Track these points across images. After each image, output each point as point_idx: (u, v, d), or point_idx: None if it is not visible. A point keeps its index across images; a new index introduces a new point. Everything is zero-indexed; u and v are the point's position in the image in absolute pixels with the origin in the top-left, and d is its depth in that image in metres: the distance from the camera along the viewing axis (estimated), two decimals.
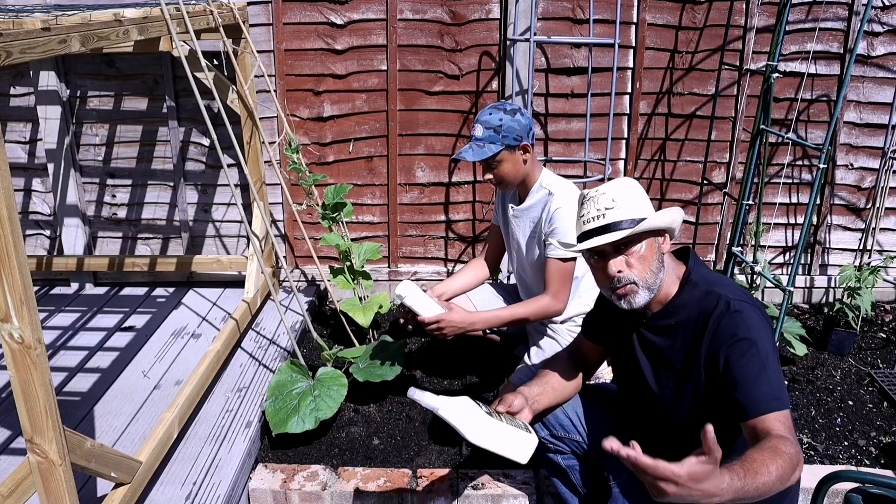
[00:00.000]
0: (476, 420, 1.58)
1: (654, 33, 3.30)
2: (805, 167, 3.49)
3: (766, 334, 1.49)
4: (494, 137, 2.20)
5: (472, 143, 2.24)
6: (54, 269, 3.58)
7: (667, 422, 1.67)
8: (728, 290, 1.57)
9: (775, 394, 1.42)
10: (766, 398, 1.42)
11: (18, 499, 1.65)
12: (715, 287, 1.58)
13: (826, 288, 3.66)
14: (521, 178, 2.31)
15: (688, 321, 1.59)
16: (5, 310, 1.50)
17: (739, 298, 1.54)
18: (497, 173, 2.27)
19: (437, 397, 1.63)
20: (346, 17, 3.28)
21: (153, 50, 2.82)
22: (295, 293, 2.87)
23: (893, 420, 2.67)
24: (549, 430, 1.96)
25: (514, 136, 2.21)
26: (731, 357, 1.48)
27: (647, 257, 1.56)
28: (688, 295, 1.60)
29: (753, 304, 1.55)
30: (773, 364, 1.47)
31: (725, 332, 1.50)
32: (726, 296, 1.54)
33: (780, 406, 1.41)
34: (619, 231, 1.54)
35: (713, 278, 1.62)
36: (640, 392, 1.73)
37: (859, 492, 1.64)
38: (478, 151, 2.21)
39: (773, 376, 1.44)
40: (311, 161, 3.48)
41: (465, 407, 1.61)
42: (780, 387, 1.45)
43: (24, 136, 3.54)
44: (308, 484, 2.26)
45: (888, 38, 3.28)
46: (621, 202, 1.56)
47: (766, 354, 1.46)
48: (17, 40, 1.53)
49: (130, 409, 2.61)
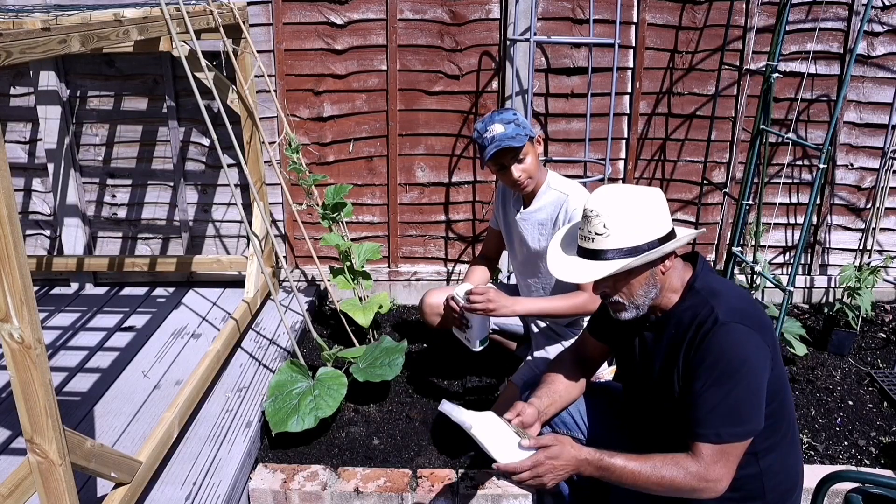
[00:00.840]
0: (506, 442, 1.60)
1: (654, 33, 3.29)
2: (805, 167, 3.49)
3: (746, 358, 1.46)
4: (518, 130, 2.20)
5: (498, 139, 2.20)
6: (54, 269, 3.58)
7: (665, 418, 1.68)
8: (725, 302, 1.53)
9: (720, 426, 1.46)
10: (707, 430, 1.47)
11: (18, 499, 1.65)
12: (713, 298, 1.54)
13: (826, 288, 3.66)
14: (538, 175, 2.31)
15: (680, 328, 1.58)
16: (5, 310, 1.50)
17: (731, 316, 1.49)
18: (526, 167, 2.26)
19: (470, 414, 1.63)
20: (346, 17, 3.28)
21: (153, 50, 2.82)
22: (295, 293, 2.87)
23: (893, 420, 2.67)
24: (552, 428, 1.97)
25: (529, 128, 2.23)
26: (700, 378, 1.49)
27: (635, 284, 1.56)
28: (689, 302, 1.59)
29: (748, 318, 1.51)
30: (741, 392, 1.45)
31: (704, 351, 1.49)
32: (717, 312, 1.50)
33: (716, 440, 1.46)
34: (603, 264, 1.51)
35: (716, 287, 1.59)
36: (641, 391, 1.74)
37: (859, 492, 1.64)
38: (516, 140, 2.18)
39: (733, 405, 1.45)
40: (311, 161, 3.48)
41: (495, 427, 1.62)
42: (733, 418, 1.46)
43: (24, 136, 3.54)
44: (308, 484, 2.26)
45: (888, 38, 3.28)
46: (614, 229, 1.51)
47: (735, 382, 1.45)
48: (17, 40, 1.53)
49: (130, 409, 2.61)
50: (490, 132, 2.21)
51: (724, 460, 1.47)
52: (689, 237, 1.59)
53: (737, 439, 1.47)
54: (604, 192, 1.56)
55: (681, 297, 1.61)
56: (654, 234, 1.52)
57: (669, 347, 1.60)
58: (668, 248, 1.53)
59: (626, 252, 1.51)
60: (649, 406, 1.71)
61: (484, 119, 2.26)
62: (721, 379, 1.46)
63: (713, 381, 1.47)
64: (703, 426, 1.47)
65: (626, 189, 1.56)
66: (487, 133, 2.22)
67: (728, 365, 1.46)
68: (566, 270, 1.60)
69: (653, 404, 1.69)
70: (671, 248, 1.54)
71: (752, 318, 1.52)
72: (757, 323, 1.51)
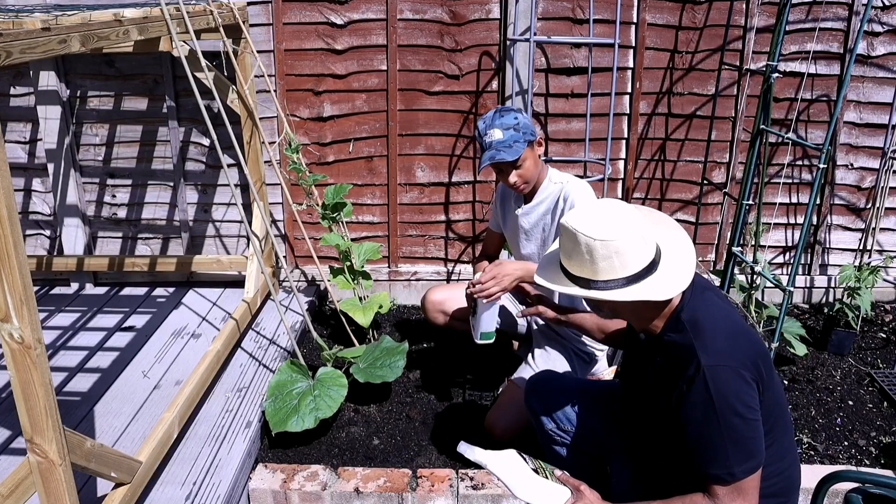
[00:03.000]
0: (523, 477, 1.61)
1: (654, 33, 3.29)
2: (805, 167, 3.49)
3: (736, 400, 1.43)
4: (517, 136, 2.18)
5: (495, 147, 2.18)
6: (54, 269, 3.57)
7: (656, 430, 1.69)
8: (710, 341, 1.47)
9: (731, 466, 1.44)
10: (718, 470, 1.46)
11: (18, 499, 1.65)
12: (697, 337, 1.47)
13: (826, 288, 3.66)
14: (538, 175, 2.31)
15: (668, 366, 1.54)
16: (5, 310, 1.50)
17: (714, 359, 1.44)
18: (522, 173, 2.25)
19: (486, 453, 1.65)
20: (346, 17, 3.28)
21: (153, 50, 2.81)
22: (295, 293, 2.87)
23: (893, 420, 2.67)
24: (556, 423, 1.99)
25: (530, 131, 2.22)
26: (696, 426, 1.47)
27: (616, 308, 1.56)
28: (674, 336, 1.53)
29: (732, 357, 1.45)
30: (740, 431, 1.44)
31: (693, 401, 1.46)
32: (699, 356, 1.45)
33: (730, 479, 1.45)
34: (587, 292, 1.49)
35: (701, 320, 1.50)
36: (636, 402, 1.75)
37: (859, 492, 1.64)
38: (511, 151, 2.17)
39: (737, 443, 1.44)
40: (311, 161, 3.48)
41: (512, 463, 1.64)
42: (739, 455, 1.44)
43: (24, 136, 3.54)
44: (308, 484, 2.26)
45: (888, 38, 3.28)
46: (601, 264, 1.45)
47: (731, 424, 1.43)
48: (17, 40, 1.53)
49: (130, 409, 2.61)
50: (489, 136, 2.19)
51: (742, 496, 1.46)
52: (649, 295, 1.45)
53: (748, 473, 1.46)
54: (592, 225, 1.46)
55: (666, 325, 1.56)
56: (613, 273, 1.45)
57: (658, 373, 1.59)
58: (615, 297, 1.45)
59: (579, 281, 1.49)
60: (645, 417, 1.72)
61: (486, 118, 2.24)
62: (716, 423, 1.44)
63: (710, 427, 1.45)
64: (713, 467, 1.46)
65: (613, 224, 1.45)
66: (486, 137, 2.20)
67: (719, 410, 1.43)
68: (547, 271, 1.61)
69: (649, 416, 1.69)
70: (621, 298, 1.45)
71: (737, 355, 1.46)
72: (741, 359, 1.46)
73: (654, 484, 1.77)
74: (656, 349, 1.59)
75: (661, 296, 1.46)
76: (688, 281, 1.49)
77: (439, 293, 2.73)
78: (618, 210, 1.48)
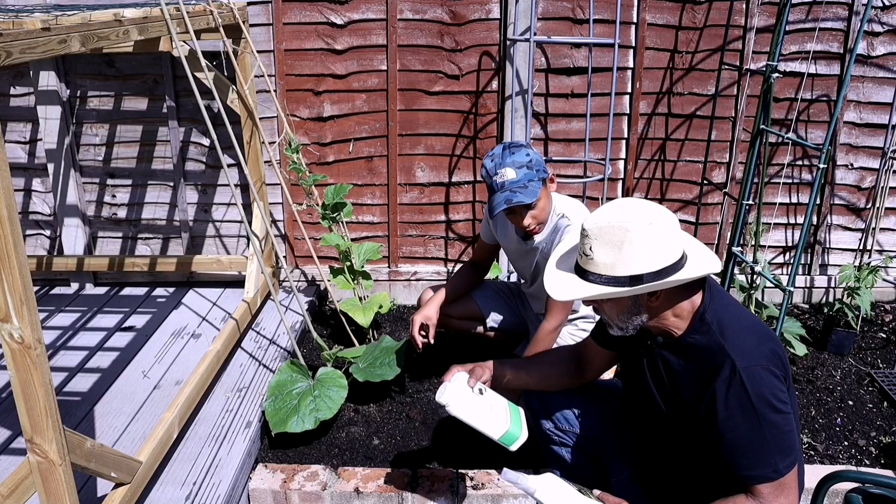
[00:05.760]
0: (571, 500, 1.58)
1: (654, 33, 3.29)
2: (805, 167, 3.49)
3: (774, 397, 1.44)
4: (531, 175, 2.05)
5: (509, 188, 2.04)
6: (54, 269, 3.57)
7: (664, 432, 1.68)
8: (739, 341, 1.48)
9: (776, 462, 1.44)
10: (762, 470, 1.45)
11: (18, 499, 1.65)
12: (725, 338, 1.48)
13: (826, 288, 3.66)
14: (548, 212, 2.21)
15: (692, 368, 1.53)
16: (5, 310, 1.50)
17: (748, 360, 1.45)
18: (537, 214, 2.13)
19: (533, 479, 1.60)
20: (346, 17, 3.28)
21: (153, 50, 2.82)
22: (295, 293, 2.87)
23: (893, 420, 2.67)
24: (555, 423, 1.98)
25: (543, 168, 2.11)
26: (737, 428, 1.46)
27: (614, 309, 1.54)
28: (699, 337, 1.52)
29: (763, 356, 1.47)
30: (780, 427, 1.44)
31: (732, 404, 1.45)
32: (733, 357, 1.45)
33: (774, 476, 1.45)
34: (583, 285, 1.49)
35: (726, 321, 1.51)
36: (642, 404, 1.74)
37: (859, 492, 1.64)
38: (528, 192, 2.03)
39: (778, 440, 1.44)
40: (311, 161, 3.48)
41: (557, 486, 1.60)
42: (782, 451, 1.44)
43: (24, 136, 3.54)
44: (308, 484, 2.26)
45: (888, 38, 3.28)
46: (599, 254, 1.45)
47: (772, 422, 1.44)
48: (17, 40, 1.53)
49: (130, 409, 2.61)
50: (500, 176, 2.05)
51: (786, 492, 1.46)
52: (686, 278, 1.46)
53: (790, 468, 1.46)
54: (604, 213, 1.48)
55: (690, 327, 1.54)
56: (643, 266, 1.43)
57: (675, 375, 1.57)
58: (652, 287, 1.45)
59: (606, 280, 1.46)
60: (652, 418, 1.70)
61: (494, 155, 2.10)
62: (757, 424, 1.44)
63: (752, 428, 1.44)
64: (757, 468, 1.45)
65: (627, 213, 1.45)
66: (497, 177, 2.06)
67: (759, 410, 1.43)
68: (552, 281, 1.58)
69: (657, 418, 1.67)
70: (655, 288, 1.45)
71: (765, 352, 1.47)
72: (768, 355, 1.47)
73: (653, 484, 1.77)
74: (672, 351, 1.58)
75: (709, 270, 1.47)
76: (719, 264, 1.51)
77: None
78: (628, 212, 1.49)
